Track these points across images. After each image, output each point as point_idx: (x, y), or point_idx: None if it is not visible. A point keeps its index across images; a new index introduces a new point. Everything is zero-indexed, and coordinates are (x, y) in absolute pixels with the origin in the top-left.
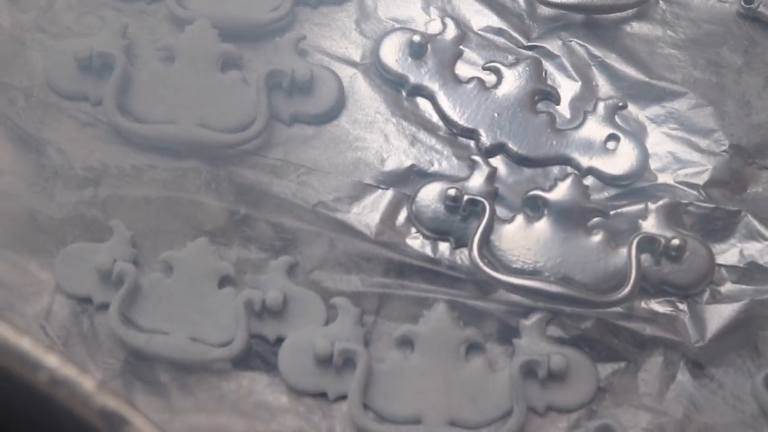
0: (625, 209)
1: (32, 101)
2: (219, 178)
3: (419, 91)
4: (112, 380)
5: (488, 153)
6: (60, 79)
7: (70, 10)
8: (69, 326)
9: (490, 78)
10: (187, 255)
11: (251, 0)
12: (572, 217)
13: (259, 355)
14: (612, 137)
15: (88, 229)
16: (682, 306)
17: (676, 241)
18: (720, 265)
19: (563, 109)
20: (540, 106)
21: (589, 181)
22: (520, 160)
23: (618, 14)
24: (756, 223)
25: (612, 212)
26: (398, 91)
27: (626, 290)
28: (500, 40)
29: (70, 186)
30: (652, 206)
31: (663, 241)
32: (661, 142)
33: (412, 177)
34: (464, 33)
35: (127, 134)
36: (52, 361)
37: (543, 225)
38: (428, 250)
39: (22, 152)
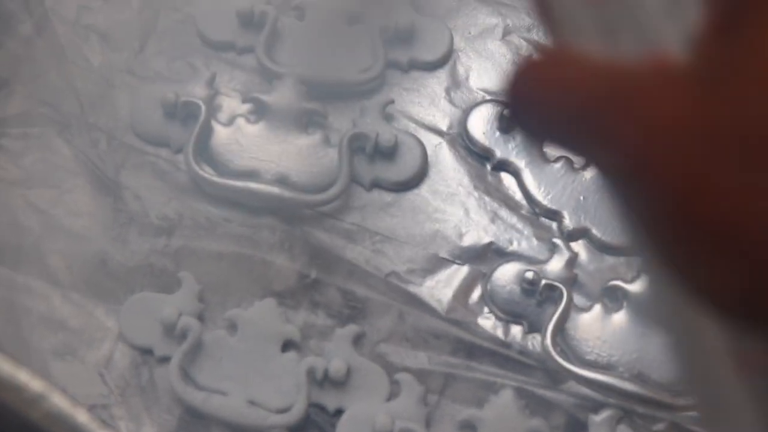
0: None
1: (114, 144)
2: (293, 238)
3: (504, 166)
4: None
5: (570, 237)
6: (144, 124)
7: (161, 54)
8: (128, 377)
9: (578, 159)
10: (253, 315)
11: (343, 58)
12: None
13: (316, 425)
14: None
15: (157, 279)
16: None
17: None
18: None
19: None
20: None
21: None
22: (602, 247)
23: None
24: None
25: None
26: (483, 164)
27: None
28: None
29: (144, 233)
30: None
31: None
32: None
33: (489, 255)
34: None
35: (205, 186)
36: None
37: (621, 317)
38: (500, 333)
39: (99, 195)
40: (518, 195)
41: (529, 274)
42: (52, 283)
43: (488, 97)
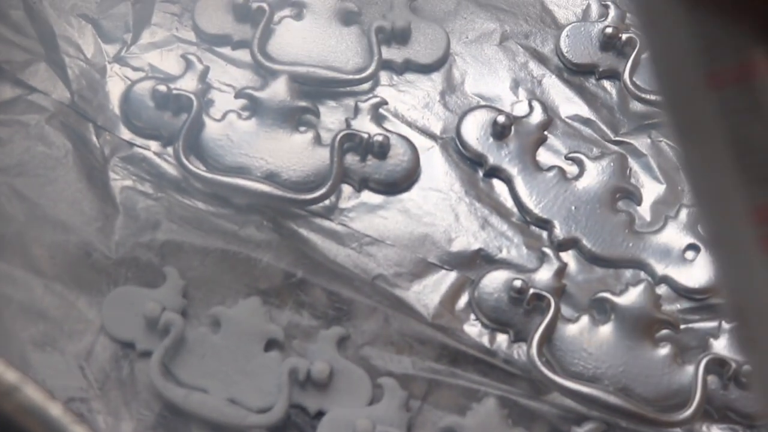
0: (696, 325)
1: (104, 134)
2: (280, 236)
3: (497, 173)
4: None
5: (560, 247)
6: (135, 116)
7: (155, 47)
8: (108, 370)
9: (571, 168)
10: (237, 313)
11: (338, 57)
12: (640, 326)
13: (297, 427)
14: (692, 247)
15: (141, 273)
16: None
17: (747, 368)
18: None
19: (644, 210)
20: (620, 204)
21: (662, 289)
22: (592, 259)
23: None
24: None
25: (682, 326)
26: (475, 170)
27: (689, 411)
28: (587, 130)
29: (129, 226)
30: (726, 326)
31: (734, 365)
32: None
33: (478, 261)
34: (551, 119)
35: (194, 180)
36: None
37: (608, 330)
38: (485, 340)
39: (86, 185)
40: (509, 202)
41: (518, 283)
42: (35, 273)
43: (483, 103)
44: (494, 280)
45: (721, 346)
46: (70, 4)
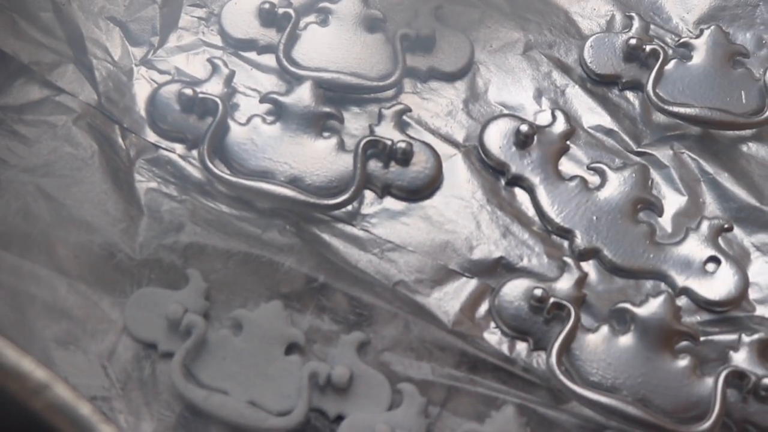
0: (716, 337)
1: (130, 136)
2: (303, 241)
3: (519, 181)
4: None
5: (581, 256)
6: (160, 118)
7: (181, 50)
8: (130, 370)
9: (593, 179)
10: (258, 316)
11: (362, 63)
12: (659, 337)
13: (316, 430)
14: (712, 259)
15: (164, 274)
16: None
17: (767, 381)
18: None
19: (665, 222)
20: (641, 215)
21: (682, 301)
22: (613, 269)
23: (736, 132)
24: None
25: (702, 338)
26: (497, 178)
27: (707, 424)
28: (609, 141)
29: (153, 228)
30: (746, 339)
31: (753, 378)
32: (764, 272)
33: (499, 269)
34: (573, 129)
35: (218, 183)
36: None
37: (628, 340)
38: (505, 348)
39: (112, 187)
40: (531, 211)
41: (538, 291)
42: (59, 272)
43: (506, 112)
44: (515, 289)
45: (740, 358)
46: (99, 7)
